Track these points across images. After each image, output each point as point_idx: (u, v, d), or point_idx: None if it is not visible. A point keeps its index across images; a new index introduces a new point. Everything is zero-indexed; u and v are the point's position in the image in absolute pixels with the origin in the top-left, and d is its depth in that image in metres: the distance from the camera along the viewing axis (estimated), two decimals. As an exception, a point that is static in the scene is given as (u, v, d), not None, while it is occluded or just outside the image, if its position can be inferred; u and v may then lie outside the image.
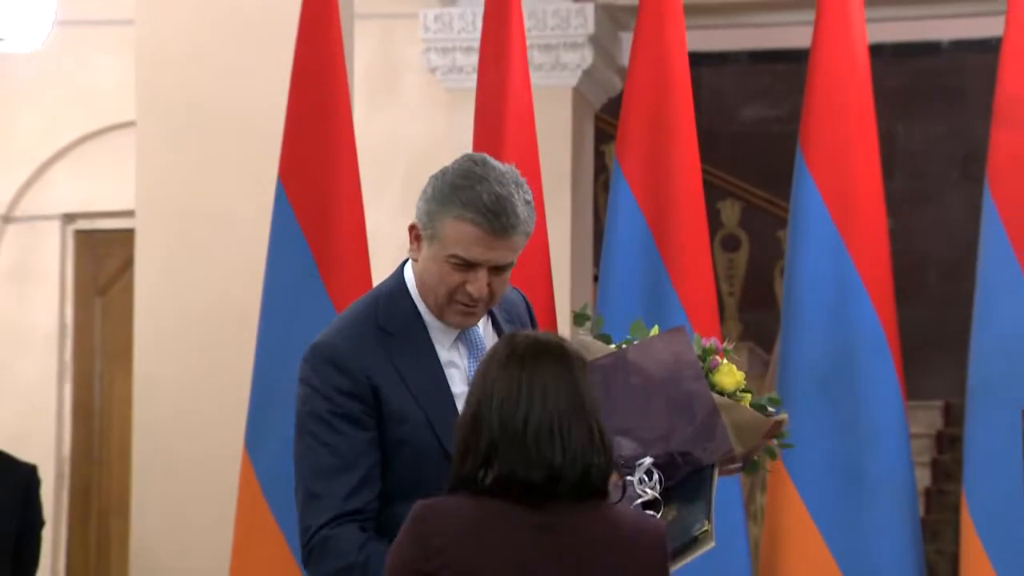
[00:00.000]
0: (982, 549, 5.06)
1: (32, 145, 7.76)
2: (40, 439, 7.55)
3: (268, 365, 5.17)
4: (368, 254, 5.22)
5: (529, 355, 3.15)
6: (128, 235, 6.46)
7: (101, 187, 7.58)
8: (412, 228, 3.62)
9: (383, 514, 3.59)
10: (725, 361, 3.88)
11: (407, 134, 7.35)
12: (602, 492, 3.13)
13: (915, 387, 5.89)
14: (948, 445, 9.56)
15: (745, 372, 3.91)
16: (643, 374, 3.75)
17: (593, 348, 3.85)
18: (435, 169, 3.80)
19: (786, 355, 5.30)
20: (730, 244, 10.19)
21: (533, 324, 3.87)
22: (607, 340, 3.92)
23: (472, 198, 3.52)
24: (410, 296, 3.68)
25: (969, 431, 5.18)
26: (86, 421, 7.71)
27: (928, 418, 9.62)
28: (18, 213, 7.77)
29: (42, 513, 6.30)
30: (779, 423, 3.88)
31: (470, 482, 3.12)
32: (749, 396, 3.87)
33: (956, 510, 5.67)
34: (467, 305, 3.61)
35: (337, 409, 3.57)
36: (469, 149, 5.20)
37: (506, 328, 3.76)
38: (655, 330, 3.67)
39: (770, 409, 3.89)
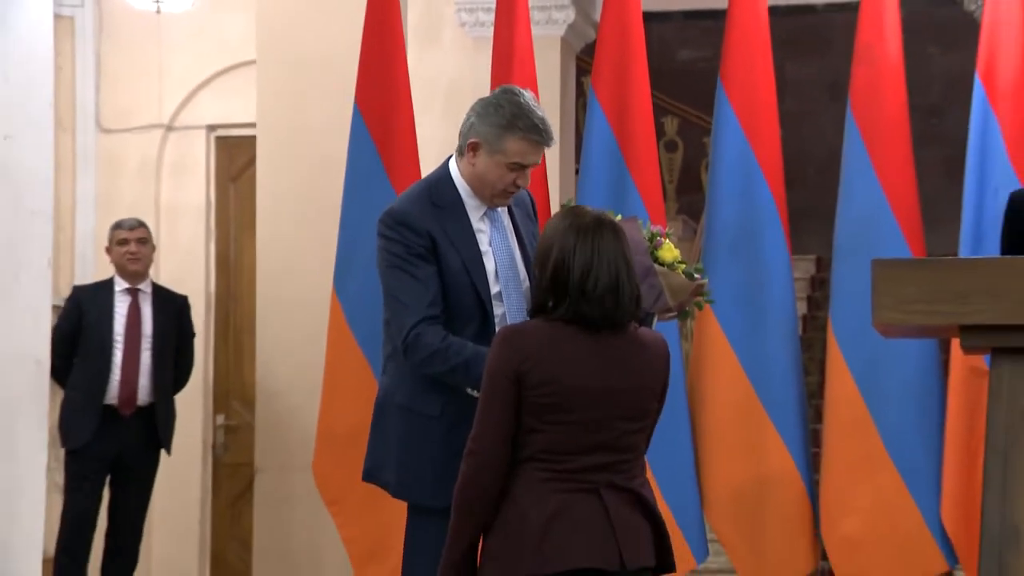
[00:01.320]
0: (841, 355, 5.06)
1: (185, 77, 7.68)
2: (194, 281, 7.55)
3: (349, 230, 5.15)
4: (418, 155, 5.18)
5: (597, 231, 3.18)
6: (252, 140, 6.42)
7: (233, 106, 7.51)
8: (474, 143, 3.63)
9: None
10: (667, 241, 3.88)
11: (445, 70, 7.26)
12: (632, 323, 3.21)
13: (797, 245, 5.85)
14: (819, 285, 9.56)
15: (680, 238, 3.92)
16: None
17: None
18: (465, 95, 3.78)
19: (709, 224, 5.27)
20: (671, 147, 10.15)
21: (534, 211, 3.91)
22: None
23: (530, 124, 3.60)
24: (454, 184, 3.71)
25: (834, 275, 5.16)
26: (225, 269, 7.70)
27: (805, 267, 9.62)
28: (177, 124, 7.72)
29: (192, 328, 6.33)
30: (701, 285, 3.88)
31: (543, 310, 3.17)
32: (683, 266, 3.88)
33: (823, 329, 5.66)
34: (511, 193, 3.69)
35: (412, 250, 3.60)
36: (488, 82, 5.14)
37: (515, 210, 3.81)
38: (618, 217, 3.65)
39: (696, 276, 3.89)
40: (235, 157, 7.71)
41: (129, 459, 6.03)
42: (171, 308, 6.19)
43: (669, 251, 3.85)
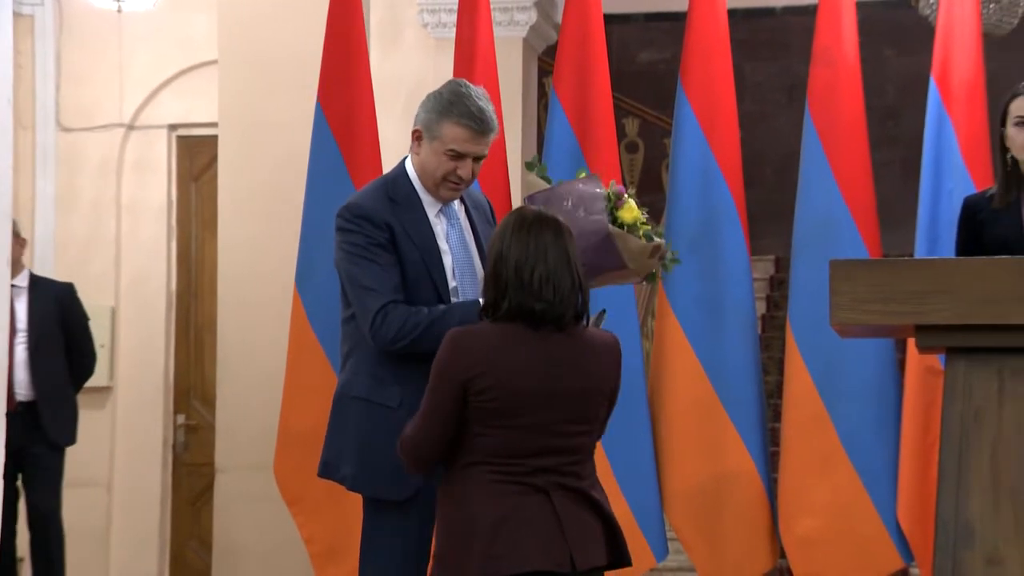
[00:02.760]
0: (799, 355, 5.08)
1: (146, 76, 7.64)
2: (156, 279, 7.53)
3: (311, 229, 5.14)
4: (380, 154, 5.17)
5: (535, 225, 3.17)
6: (214, 139, 6.40)
7: (194, 106, 7.49)
8: (416, 132, 3.66)
9: None
10: (630, 201, 3.83)
11: (407, 71, 7.24)
12: (577, 321, 3.19)
13: (756, 246, 5.87)
14: (777, 285, 9.60)
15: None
16: (568, 200, 3.77)
17: (536, 185, 3.96)
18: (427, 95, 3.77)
19: (669, 225, 5.27)
20: (632, 148, 10.17)
21: (493, 217, 3.90)
22: (549, 181, 4.00)
23: (464, 110, 3.60)
24: (410, 179, 3.72)
25: (792, 276, 5.18)
26: (186, 267, 7.67)
27: (764, 267, 9.66)
28: (138, 123, 7.69)
29: (83, 313, 6.18)
30: (658, 247, 3.81)
31: (492, 310, 3.15)
32: (645, 228, 3.82)
33: (782, 329, 5.68)
34: (455, 184, 3.67)
35: (374, 241, 3.61)
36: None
37: (472, 212, 3.80)
38: (582, 175, 3.64)
39: (654, 239, 3.82)
40: (196, 156, 7.68)
41: (27, 459, 5.92)
42: (49, 298, 6.07)
43: (630, 211, 3.77)
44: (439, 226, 3.71)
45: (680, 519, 5.11)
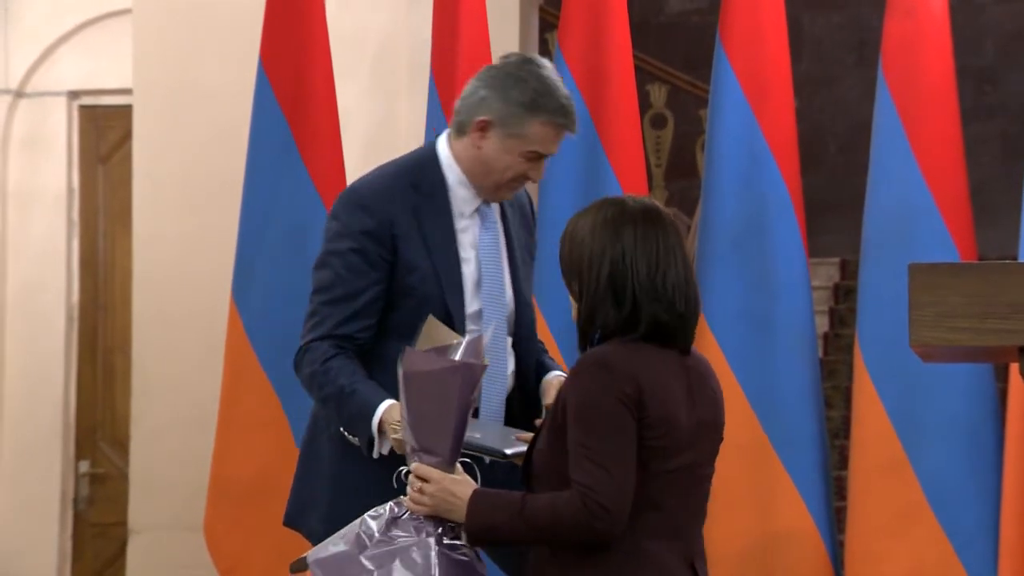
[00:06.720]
0: (871, 384, 5.09)
1: (40, 28, 7.67)
2: (52, 288, 7.54)
3: (252, 225, 5.16)
4: (339, 130, 5.19)
5: (652, 217, 3.24)
6: (127, 110, 6.43)
7: (102, 68, 7.51)
8: (483, 122, 3.68)
9: (379, 346, 3.69)
10: None
11: (373, 24, 7.27)
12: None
13: (816, 245, 5.92)
14: (843, 296, 9.62)
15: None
16: None
17: None
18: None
19: (706, 218, 5.31)
20: (658, 122, 10.19)
21: (534, 218, 3.98)
22: None
23: (556, 105, 3.67)
24: (440, 168, 3.76)
25: (862, 283, 5.20)
26: (92, 273, 7.70)
27: (827, 272, 9.68)
28: (29, 89, 7.71)
29: None
30: None
31: (624, 329, 3.20)
32: None
33: (850, 351, 5.71)
34: (517, 187, 3.77)
35: (356, 247, 3.65)
36: (428, 38, 5.16)
37: (507, 211, 3.86)
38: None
39: None
40: (105, 132, 7.71)
41: None
42: None
43: None
44: (471, 231, 3.75)
45: (721, 590, 5.14)
